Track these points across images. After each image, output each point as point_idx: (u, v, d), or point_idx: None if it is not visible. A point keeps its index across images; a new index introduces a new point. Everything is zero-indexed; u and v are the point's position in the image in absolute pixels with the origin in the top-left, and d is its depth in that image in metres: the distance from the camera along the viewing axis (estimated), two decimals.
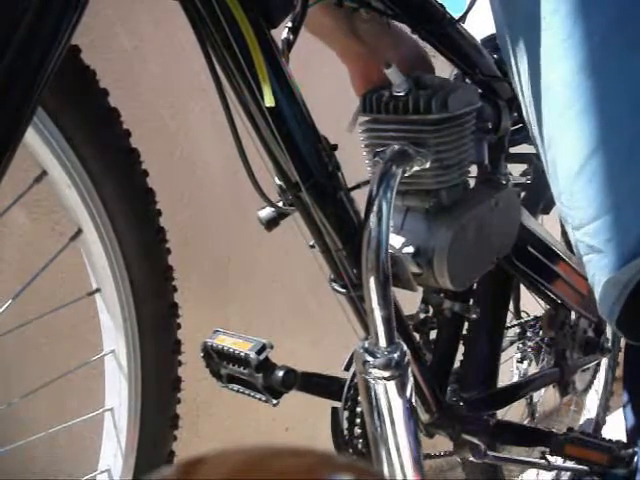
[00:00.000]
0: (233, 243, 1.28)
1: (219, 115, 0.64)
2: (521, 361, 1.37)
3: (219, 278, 1.28)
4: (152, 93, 1.13)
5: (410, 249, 0.78)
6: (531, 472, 1.57)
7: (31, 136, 0.59)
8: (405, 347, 0.65)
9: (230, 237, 1.27)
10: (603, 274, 0.55)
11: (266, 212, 0.78)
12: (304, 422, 1.42)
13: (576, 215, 0.56)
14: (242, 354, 0.76)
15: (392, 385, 0.64)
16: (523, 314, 1.31)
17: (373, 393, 0.65)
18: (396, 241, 0.78)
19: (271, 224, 0.78)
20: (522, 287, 1.19)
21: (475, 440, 0.94)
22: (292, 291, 1.40)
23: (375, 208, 0.64)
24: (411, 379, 0.66)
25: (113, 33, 1.06)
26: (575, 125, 0.53)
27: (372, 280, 0.63)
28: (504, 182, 0.90)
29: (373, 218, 0.64)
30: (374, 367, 0.64)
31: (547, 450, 1.01)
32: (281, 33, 0.67)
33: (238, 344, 0.77)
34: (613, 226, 0.53)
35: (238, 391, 0.80)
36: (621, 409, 0.98)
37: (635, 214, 0.52)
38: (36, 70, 0.47)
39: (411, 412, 0.66)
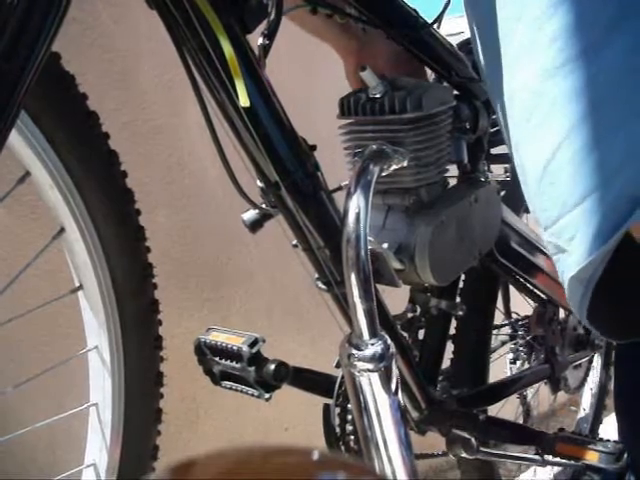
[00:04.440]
0: (232, 243, 1.30)
1: (217, 116, 0.67)
2: (514, 362, 1.38)
3: (218, 279, 1.29)
4: (152, 93, 1.15)
5: (392, 246, 0.80)
6: (528, 472, 1.58)
7: (15, 138, 0.62)
8: (389, 340, 0.66)
9: (229, 237, 1.29)
10: (569, 272, 0.56)
11: (250, 214, 0.80)
12: (304, 422, 1.42)
13: (543, 216, 0.58)
14: (234, 348, 0.78)
15: (376, 377, 0.65)
16: (514, 315, 1.32)
17: (359, 386, 0.66)
18: (378, 239, 0.80)
19: (255, 226, 0.80)
20: (512, 287, 1.21)
21: (466, 435, 0.95)
22: (292, 292, 1.41)
23: (353, 205, 0.66)
24: (396, 371, 0.67)
25: (112, 33, 1.09)
26: (539, 129, 0.55)
27: (353, 275, 0.65)
28: (483, 180, 0.92)
29: (352, 215, 0.66)
30: (358, 360, 0.65)
31: (539, 448, 1.02)
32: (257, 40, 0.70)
33: (231, 339, 0.79)
34: (575, 224, 0.54)
35: (231, 388, 0.81)
36: None
37: (593, 212, 0.53)
38: (19, 75, 0.50)
39: (397, 404, 0.67)
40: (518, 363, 1.35)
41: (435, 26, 0.85)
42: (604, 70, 0.52)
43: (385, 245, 0.79)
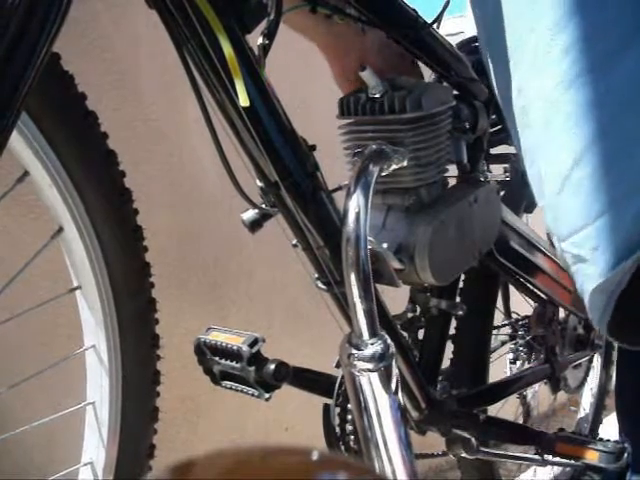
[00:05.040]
0: (232, 243, 1.30)
1: (217, 116, 0.67)
2: (514, 362, 1.38)
3: (218, 278, 1.29)
4: (151, 93, 1.15)
5: (392, 246, 0.80)
6: (528, 472, 1.58)
7: (14, 138, 0.62)
8: (389, 339, 0.66)
9: (229, 237, 1.29)
10: (590, 283, 0.55)
11: (249, 214, 0.80)
12: (304, 422, 1.42)
13: (562, 226, 0.57)
14: (234, 347, 0.78)
15: (376, 377, 0.65)
16: (513, 315, 1.32)
17: (359, 385, 0.66)
18: (378, 238, 0.80)
19: (254, 226, 0.80)
20: (512, 287, 1.21)
21: (466, 435, 0.95)
22: (291, 291, 1.41)
23: (353, 205, 0.66)
24: (396, 371, 0.67)
25: (111, 33, 1.09)
26: (558, 138, 0.54)
27: (353, 275, 0.65)
28: (483, 179, 0.92)
29: (351, 215, 0.66)
30: (358, 359, 0.65)
31: (539, 448, 1.02)
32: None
33: (231, 339, 0.79)
34: (599, 234, 0.53)
35: (231, 388, 0.81)
36: None
37: (618, 221, 0.53)
38: (20, 76, 0.50)
39: (397, 404, 0.67)
40: (518, 363, 1.35)
41: (435, 26, 0.85)
42: (618, 83, 0.52)
43: (385, 245, 0.79)
